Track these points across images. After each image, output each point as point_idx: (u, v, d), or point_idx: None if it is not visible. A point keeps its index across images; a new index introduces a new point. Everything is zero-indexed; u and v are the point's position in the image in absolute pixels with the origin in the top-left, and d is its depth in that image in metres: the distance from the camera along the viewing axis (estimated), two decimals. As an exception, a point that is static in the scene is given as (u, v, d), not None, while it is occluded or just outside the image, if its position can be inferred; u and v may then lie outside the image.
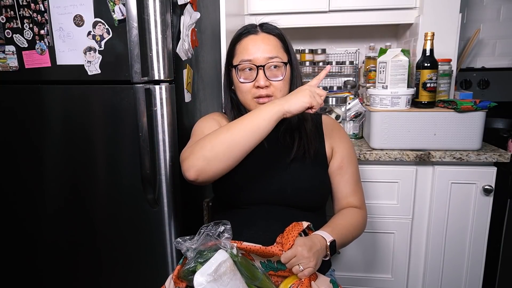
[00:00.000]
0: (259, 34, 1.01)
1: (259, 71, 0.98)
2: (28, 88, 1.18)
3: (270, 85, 0.99)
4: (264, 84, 0.98)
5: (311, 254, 0.84)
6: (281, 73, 0.99)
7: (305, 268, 0.82)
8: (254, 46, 0.99)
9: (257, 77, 0.98)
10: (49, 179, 1.22)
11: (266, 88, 0.99)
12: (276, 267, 0.89)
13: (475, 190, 1.36)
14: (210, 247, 0.82)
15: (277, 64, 0.99)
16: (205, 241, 0.82)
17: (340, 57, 2.02)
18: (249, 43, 1.00)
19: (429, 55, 1.39)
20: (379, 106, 1.40)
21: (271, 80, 0.99)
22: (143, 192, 1.14)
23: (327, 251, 0.90)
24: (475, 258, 1.41)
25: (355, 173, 1.09)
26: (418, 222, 1.44)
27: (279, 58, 0.99)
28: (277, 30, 1.04)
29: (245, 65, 1.00)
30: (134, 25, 1.02)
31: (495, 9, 1.97)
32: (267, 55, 0.98)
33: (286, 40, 1.04)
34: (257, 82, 0.98)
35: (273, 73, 0.99)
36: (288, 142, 1.04)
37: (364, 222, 1.07)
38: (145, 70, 1.07)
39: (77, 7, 1.08)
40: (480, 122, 1.33)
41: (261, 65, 0.98)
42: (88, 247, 1.24)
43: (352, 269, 1.50)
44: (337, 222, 1.00)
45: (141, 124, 1.08)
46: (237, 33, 1.05)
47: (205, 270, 0.78)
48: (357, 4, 1.69)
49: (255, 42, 1.00)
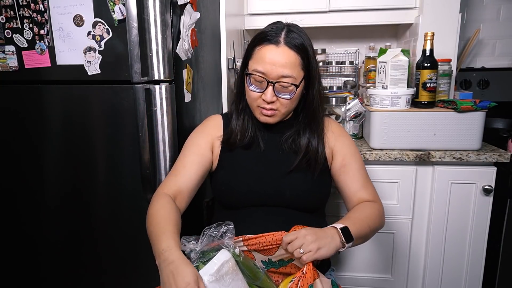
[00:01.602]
0: (280, 47, 0.96)
1: (268, 86, 0.96)
2: (28, 88, 1.18)
3: (276, 100, 0.98)
4: (270, 100, 0.97)
5: (315, 238, 0.81)
6: (289, 92, 0.98)
7: (306, 252, 0.79)
8: (271, 60, 0.95)
9: (266, 91, 0.97)
10: (49, 179, 1.22)
11: (272, 103, 0.99)
12: (277, 264, 0.90)
13: (475, 190, 1.36)
14: (213, 248, 0.82)
15: (288, 85, 0.96)
16: (208, 242, 0.82)
17: (340, 57, 2.02)
18: (267, 54, 0.96)
19: (429, 55, 1.39)
20: (379, 106, 1.40)
21: (279, 96, 0.98)
22: (143, 192, 1.13)
23: (341, 238, 0.85)
24: (475, 258, 1.41)
25: (361, 169, 1.06)
26: (418, 222, 1.44)
27: (292, 78, 0.96)
28: (300, 41, 0.97)
29: (256, 76, 0.97)
30: (134, 25, 1.02)
31: (495, 9, 1.97)
32: (281, 73, 0.95)
33: (308, 53, 0.98)
34: (264, 96, 0.97)
35: (283, 90, 0.97)
36: (290, 148, 1.04)
37: (380, 214, 1.01)
38: (145, 70, 1.07)
39: (77, 7, 1.08)
40: (480, 122, 1.33)
41: (272, 81, 0.96)
42: (88, 247, 1.24)
43: (352, 269, 1.50)
44: (349, 216, 0.96)
45: (141, 124, 1.08)
46: (261, 34, 0.99)
47: (207, 270, 0.78)
48: (357, 4, 1.69)
49: (273, 56, 0.95)
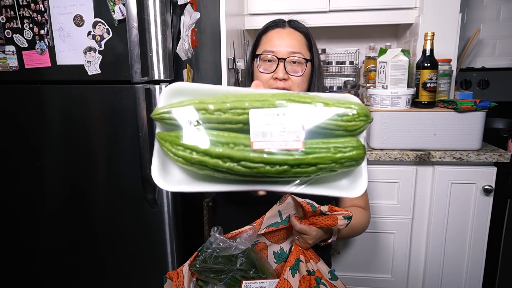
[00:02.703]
0: (286, 28, 1.03)
1: (279, 63, 0.99)
2: (28, 88, 1.18)
3: (288, 79, 1.00)
4: (282, 76, 0.99)
5: (312, 242, 0.91)
6: (301, 69, 1.00)
7: (300, 244, 0.91)
8: (278, 39, 1.00)
9: (277, 69, 0.99)
10: (49, 179, 1.22)
11: (284, 81, 1.00)
12: (287, 255, 0.92)
13: (475, 190, 1.36)
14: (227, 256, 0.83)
15: (298, 59, 0.99)
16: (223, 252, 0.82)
17: (340, 57, 2.02)
18: (274, 35, 1.02)
19: (429, 55, 1.39)
20: (379, 106, 1.40)
21: (290, 74, 1.00)
22: (143, 192, 1.14)
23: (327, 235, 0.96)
24: (475, 258, 1.41)
25: None
26: (418, 222, 1.44)
27: (301, 54, 1.00)
28: (304, 28, 1.05)
29: (267, 56, 1.01)
30: (134, 25, 1.02)
31: (495, 9, 1.97)
32: (290, 49, 0.99)
33: (311, 39, 1.05)
34: (276, 74, 0.99)
35: (293, 68, 1.00)
36: None
37: (367, 222, 1.08)
38: (145, 70, 1.07)
39: (77, 7, 1.08)
40: (480, 122, 1.33)
41: (283, 58, 0.99)
42: (88, 247, 1.24)
43: (352, 269, 1.50)
44: None
45: (141, 124, 1.08)
46: (265, 26, 1.07)
47: None
48: (357, 4, 1.69)
49: (280, 35, 1.01)
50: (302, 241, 0.90)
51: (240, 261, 0.83)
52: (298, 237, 0.90)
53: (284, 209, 0.90)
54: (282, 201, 0.89)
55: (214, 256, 0.82)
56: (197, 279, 0.87)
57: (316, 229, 0.89)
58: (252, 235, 0.85)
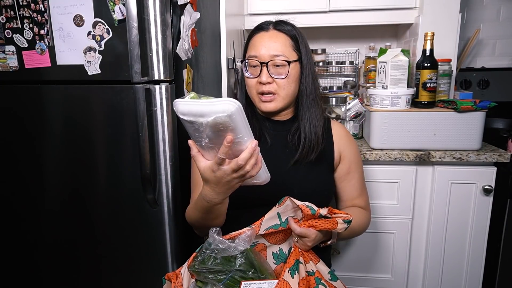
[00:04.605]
0: (269, 31, 1.03)
1: (262, 67, 1.00)
2: (28, 88, 1.18)
3: (273, 82, 1.01)
4: (266, 80, 0.99)
5: (311, 244, 0.91)
6: (284, 71, 1.00)
7: (300, 246, 0.91)
8: (261, 43, 1.01)
9: (261, 73, 1.00)
10: (49, 179, 1.22)
11: (268, 85, 1.01)
12: (286, 256, 0.92)
13: (475, 190, 1.36)
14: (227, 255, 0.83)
15: (280, 62, 1.00)
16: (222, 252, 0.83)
17: (340, 57, 2.02)
18: (257, 39, 1.03)
19: (429, 55, 1.39)
20: (379, 106, 1.40)
21: (275, 77, 1.00)
22: (143, 192, 1.14)
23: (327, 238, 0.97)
24: (475, 258, 1.41)
25: (361, 177, 1.13)
26: (418, 222, 1.44)
27: (284, 56, 1.00)
28: (289, 28, 1.04)
29: (251, 61, 1.02)
30: (134, 25, 1.02)
31: (495, 9, 1.97)
32: (272, 52, 0.99)
33: (298, 38, 1.04)
34: (260, 78, 1.00)
35: (276, 70, 1.00)
36: (296, 143, 1.05)
37: (368, 222, 1.09)
38: (145, 70, 1.07)
39: (77, 7, 1.08)
40: (480, 122, 1.33)
41: (265, 62, 1.00)
42: (88, 247, 1.24)
43: (352, 269, 1.51)
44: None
45: (141, 124, 1.08)
46: (253, 28, 1.08)
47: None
48: (357, 4, 1.69)
49: (263, 39, 1.02)
50: (301, 244, 0.90)
51: (239, 262, 0.83)
52: (298, 239, 0.90)
53: (283, 211, 0.90)
54: (281, 203, 0.89)
55: (213, 257, 0.82)
56: (196, 280, 0.87)
57: (315, 232, 0.88)
58: (251, 236, 0.85)
